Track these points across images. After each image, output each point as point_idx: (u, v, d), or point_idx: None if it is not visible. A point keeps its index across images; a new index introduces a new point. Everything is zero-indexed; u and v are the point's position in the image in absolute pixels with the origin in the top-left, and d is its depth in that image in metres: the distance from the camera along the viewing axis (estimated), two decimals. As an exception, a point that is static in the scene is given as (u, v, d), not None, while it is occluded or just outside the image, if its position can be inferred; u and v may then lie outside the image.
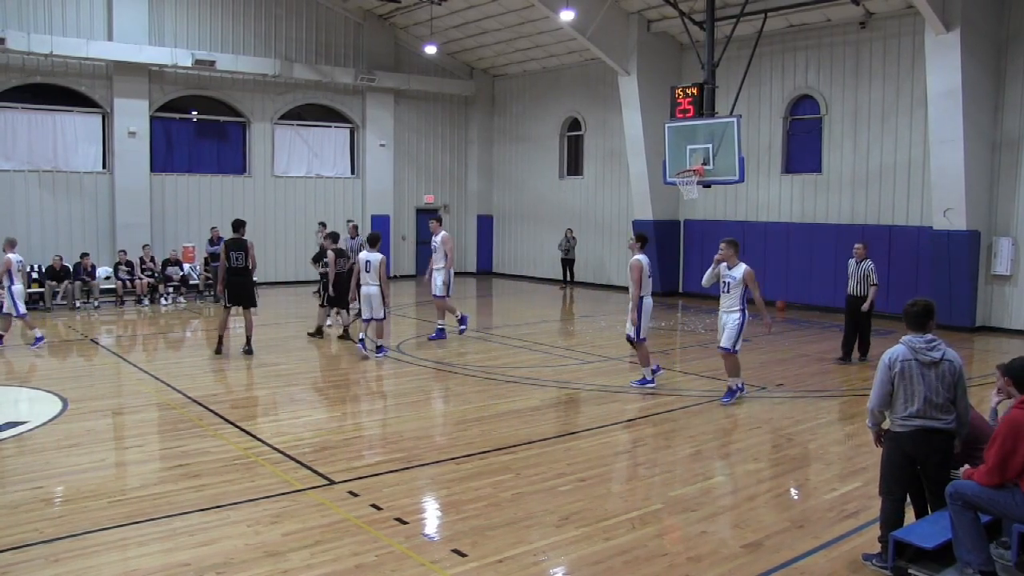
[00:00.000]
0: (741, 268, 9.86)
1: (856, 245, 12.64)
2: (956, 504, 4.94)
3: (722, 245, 10.01)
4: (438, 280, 14.12)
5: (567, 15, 18.30)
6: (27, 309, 17.53)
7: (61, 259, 18.43)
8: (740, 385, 10.15)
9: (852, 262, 12.63)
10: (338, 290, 13.82)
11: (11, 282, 13.18)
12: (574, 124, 24.41)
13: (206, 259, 20.06)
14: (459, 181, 26.91)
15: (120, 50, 19.70)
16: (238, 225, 13.10)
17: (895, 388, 5.36)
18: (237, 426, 8.82)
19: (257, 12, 22.33)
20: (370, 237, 13.07)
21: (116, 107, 20.14)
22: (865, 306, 12.28)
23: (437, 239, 14.09)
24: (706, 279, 10.26)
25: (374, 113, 24.35)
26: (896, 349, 5.40)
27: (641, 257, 10.55)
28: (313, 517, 6.22)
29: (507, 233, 26.90)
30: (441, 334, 14.36)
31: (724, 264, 9.96)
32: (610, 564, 5.49)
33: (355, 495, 6.70)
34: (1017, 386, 5.02)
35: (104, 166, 20.56)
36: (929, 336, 5.37)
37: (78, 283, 18.48)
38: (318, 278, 15.66)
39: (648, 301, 10.70)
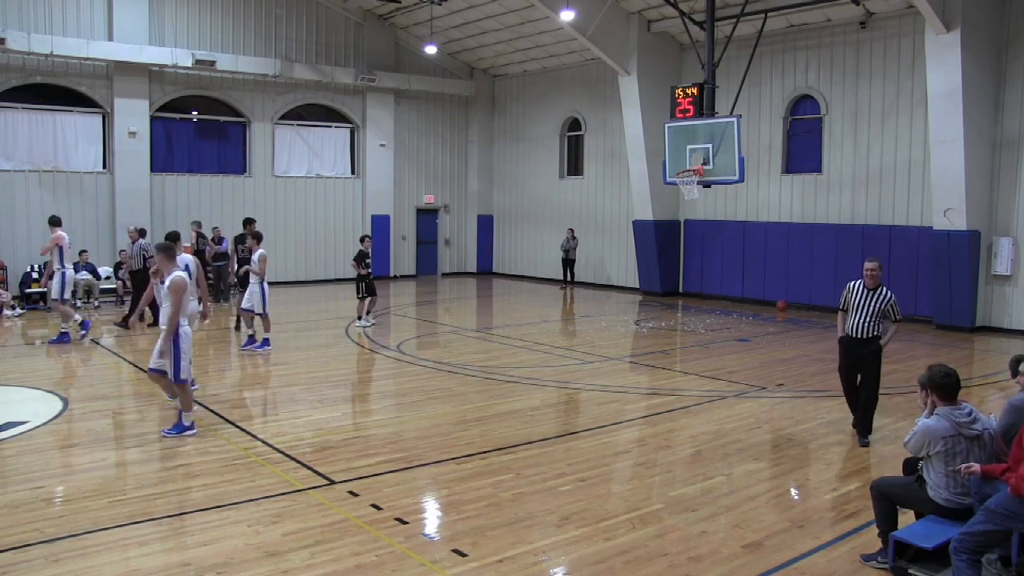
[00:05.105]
0: (171, 276, 8.26)
1: (869, 264, 8.40)
2: (962, 558, 4.81)
3: (157, 256, 8.52)
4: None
5: (567, 15, 18.31)
6: (27, 309, 17.64)
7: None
8: (191, 424, 8.39)
9: (857, 286, 8.47)
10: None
11: None
12: (574, 124, 24.41)
13: (208, 259, 20.04)
14: (459, 181, 26.91)
15: (120, 50, 19.70)
16: (246, 223, 14.97)
17: (935, 459, 5.30)
18: (237, 426, 8.82)
19: (257, 12, 22.34)
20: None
21: (116, 107, 20.14)
22: (883, 341, 8.38)
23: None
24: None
25: (374, 113, 24.35)
26: (937, 425, 5.27)
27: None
28: (313, 517, 6.22)
29: (507, 233, 26.90)
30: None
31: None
32: (610, 564, 5.49)
33: (355, 495, 6.71)
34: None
35: (104, 166, 20.56)
36: (966, 407, 5.33)
37: (81, 282, 18.49)
38: (355, 277, 16.02)
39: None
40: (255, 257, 13.38)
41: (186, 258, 10.33)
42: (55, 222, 14.25)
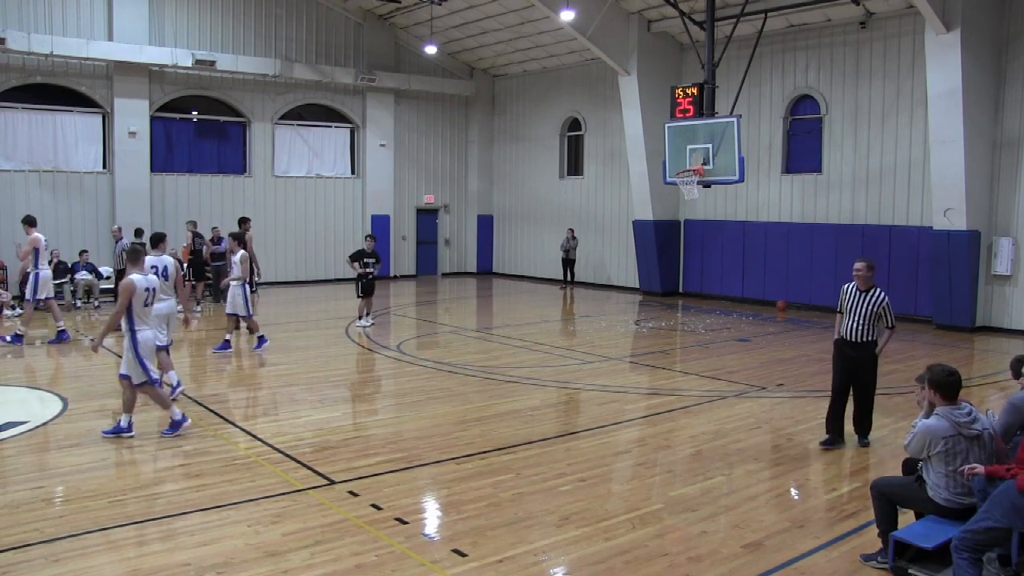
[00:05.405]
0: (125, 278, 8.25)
1: (857, 265, 8.24)
2: (963, 556, 4.81)
3: (130, 252, 8.53)
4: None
5: (567, 15, 18.31)
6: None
7: (58, 255, 18.36)
8: (182, 417, 8.44)
9: (851, 289, 8.26)
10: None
11: None
12: (574, 124, 24.41)
13: (206, 259, 20.03)
14: (459, 181, 26.91)
15: (120, 50, 19.71)
16: (240, 223, 15.29)
17: (935, 459, 5.30)
18: (237, 426, 8.83)
19: (257, 12, 22.34)
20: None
21: (116, 107, 20.15)
22: (878, 349, 8.20)
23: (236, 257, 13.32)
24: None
25: (374, 113, 24.35)
26: (937, 425, 5.27)
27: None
28: (313, 517, 6.22)
29: (507, 233, 26.90)
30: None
31: None
32: (610, 564, 5.49)
33: (355, 495, 6.71)
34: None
35: (104, 166, 20.57)
36: (966, 407, 5.32)
37: (81, 282, 18.49)
38: (355, 276, 16.06)
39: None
40: (236, 259, 13.37)
41: (165, 260, 9.99)
42: (31, 222, 13.94)
